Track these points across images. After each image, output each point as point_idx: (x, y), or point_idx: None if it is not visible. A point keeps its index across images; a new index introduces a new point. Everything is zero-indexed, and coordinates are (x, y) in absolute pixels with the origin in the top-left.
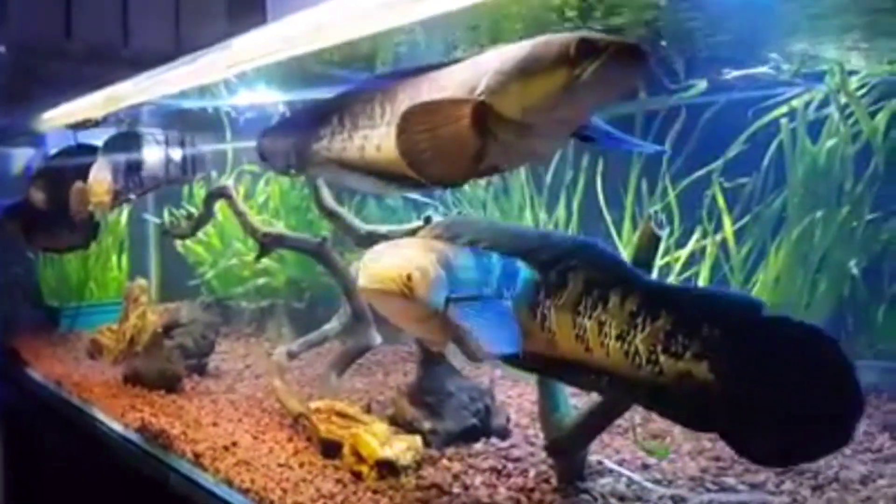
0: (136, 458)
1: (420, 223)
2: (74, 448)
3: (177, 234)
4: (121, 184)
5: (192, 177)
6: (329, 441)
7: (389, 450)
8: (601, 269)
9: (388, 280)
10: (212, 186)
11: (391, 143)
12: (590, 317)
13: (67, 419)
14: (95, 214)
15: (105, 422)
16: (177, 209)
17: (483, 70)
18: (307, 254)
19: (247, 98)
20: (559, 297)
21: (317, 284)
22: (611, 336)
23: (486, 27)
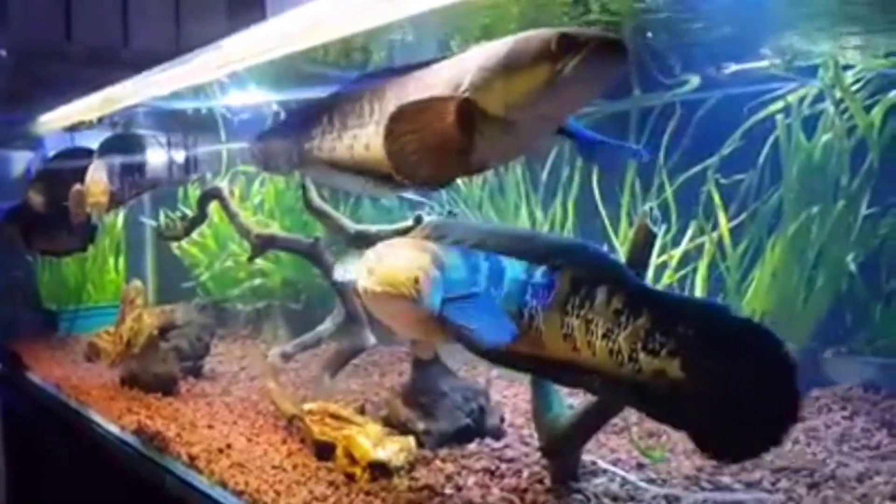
0: (133, 461)
1: (409, 223)
2: (74, 451)
3: (170, 236)
4: (117, 185)
5: (188, 178)
6: (322, 443)
7: (382, 451)
8: (587, 268)
9: (398, 283)
10: (206, 187)
11: (380, 142)
12: (577, 315)
13: (66, 422)
14: (93, 217)
15: (102, 424)
16: (172, 211)
17: (468, 67)
18: (300, 255)
19: (241, 98)
20: (546, 297)
21: (313, 285)
22: (597, 335)
23: (484, 21)
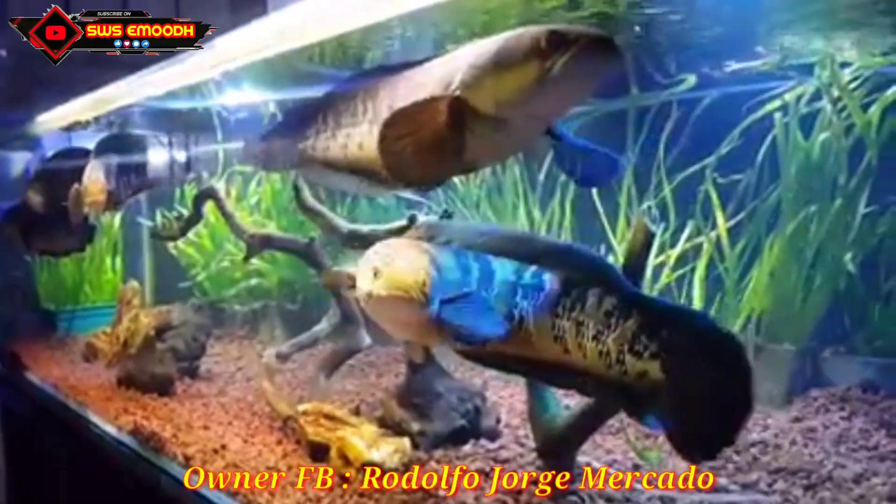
0: (130, 461)
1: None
2: (72, 451)
3: (166, 236)
4: (114, 184)
5: (185, 177)
6: (317, 444)
7: (376, 452)
8: (578, 270)
9: (408, 286)
10: (201, 187)
11: (373, 142)
12: (567, 317)
13: (65, 422)
14: (90, 217)
15: (100, 425)
16: (169, 211)
17: (458, 65)
18: (295, 255)
19: (237, 97)
20: (537, 298)
21: (310, 285)
22: (587, 336)
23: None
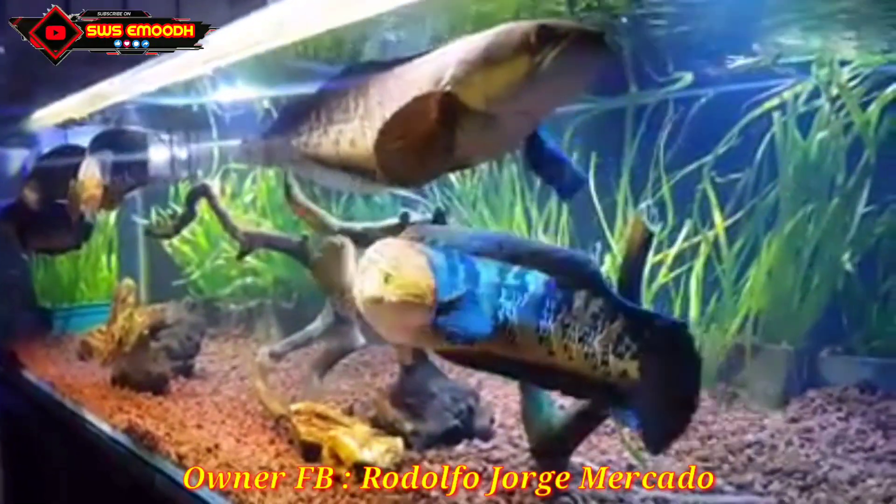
0: (125, 460)
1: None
2: (69, 449)
3: (160, 234)
4: (109, 180)
5: (181, 174)
6: (309, 443)
7: (368, 452)
8: (565, 273)
9: (422, 292)
10: (195, 184)
11: (365, 138)
12: (553, 319)
13: (61, 420)
14: (86, 214)
15: (95, 423)
16: (164, 209)
17: (449, 61)
18: (288, 253)
19: (231, 93)
20: (521, 300)
21: (305, 284)
22: (573, 338)
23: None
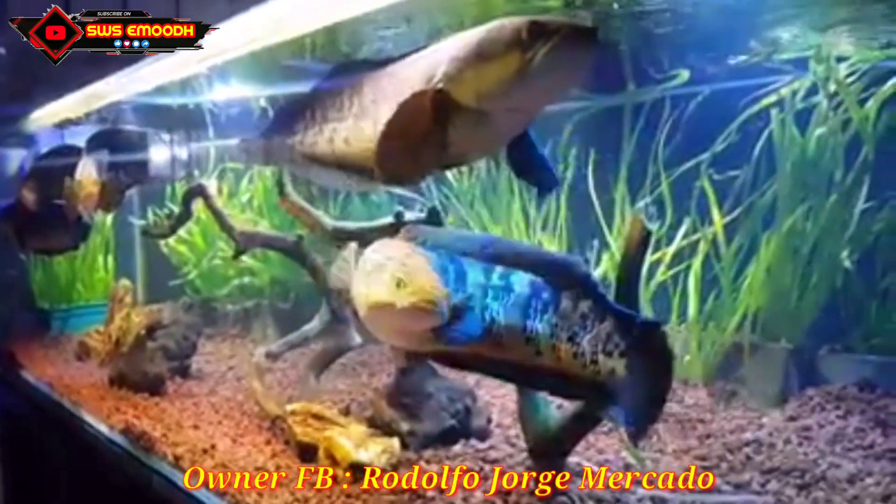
0: (122, 460)
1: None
2: (67, 450)
3: (156, 234)
4: (106, 178)
5: (177, 173)
6: (305, 444)
7: (364, 453)
8: (556, 275)
9: (438, 298)
10: (191, 184)
11: (358, 136)
12: (539, 319)
13: (60, 421)
14: (84, 215)
15: (93, 424)
16: (161, 209)
17: (441, 58)
18: (283, 252)
19: (228, 92)
20: (507, 301)
21: (302, 284)
22: (562, 338)
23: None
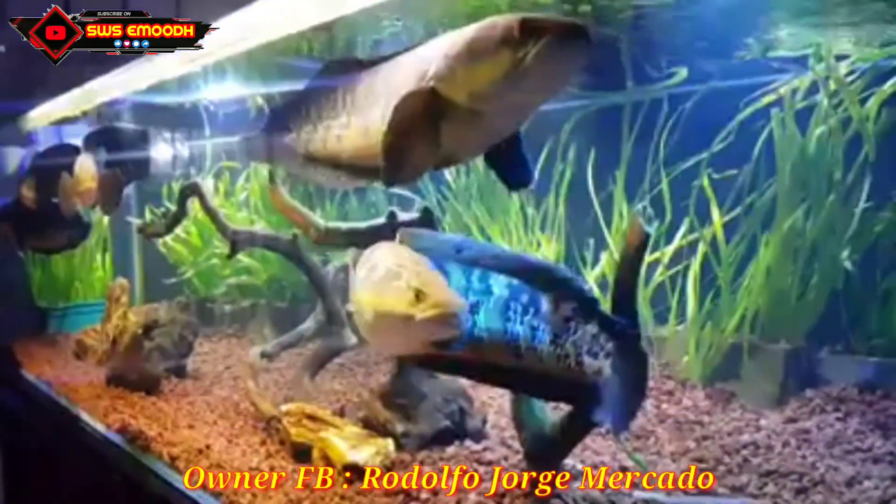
0: (119, 460)
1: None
2: (66, 449)
3: (152, 233)
4: (103, 175)
5: (175, 172)
6: (300, 444)
7: (358, 454)
8: (537, 278)
9: (455, 310)
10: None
11: (352, 134)
12: (521, 322)
13: (58, 420)
14: (83, 216)
15: (90, 423)
16: (157, 207)
17: (432, 56)
18: (279, 252)
19: (225, 90)
20: (488, 302)
21: (300, 284)
22: (544, 340)
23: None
